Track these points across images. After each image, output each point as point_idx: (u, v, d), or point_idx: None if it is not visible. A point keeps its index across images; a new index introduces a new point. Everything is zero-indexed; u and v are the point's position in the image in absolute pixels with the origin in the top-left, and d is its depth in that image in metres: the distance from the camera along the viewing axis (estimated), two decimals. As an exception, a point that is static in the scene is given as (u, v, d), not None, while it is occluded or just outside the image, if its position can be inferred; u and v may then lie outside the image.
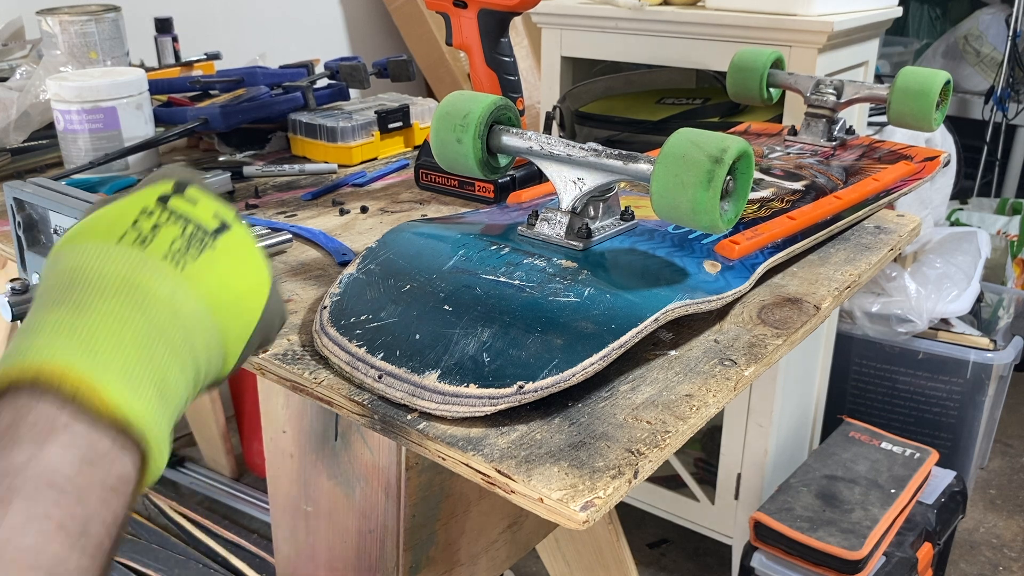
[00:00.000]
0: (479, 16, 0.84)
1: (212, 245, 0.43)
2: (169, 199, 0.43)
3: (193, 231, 0.42)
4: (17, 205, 0.65)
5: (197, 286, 0.41)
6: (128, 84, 0.95)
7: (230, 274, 0.43)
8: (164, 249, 0.41)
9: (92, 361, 0.35)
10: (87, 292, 0.38)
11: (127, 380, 0.36)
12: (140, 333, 0.38)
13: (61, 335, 0.36)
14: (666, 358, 0.59)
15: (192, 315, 0.41)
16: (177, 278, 0.41)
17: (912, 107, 0.87)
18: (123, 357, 0.37)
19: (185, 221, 0.43)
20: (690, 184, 0.56)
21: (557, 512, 0.45)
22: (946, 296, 1.85)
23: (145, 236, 0.41)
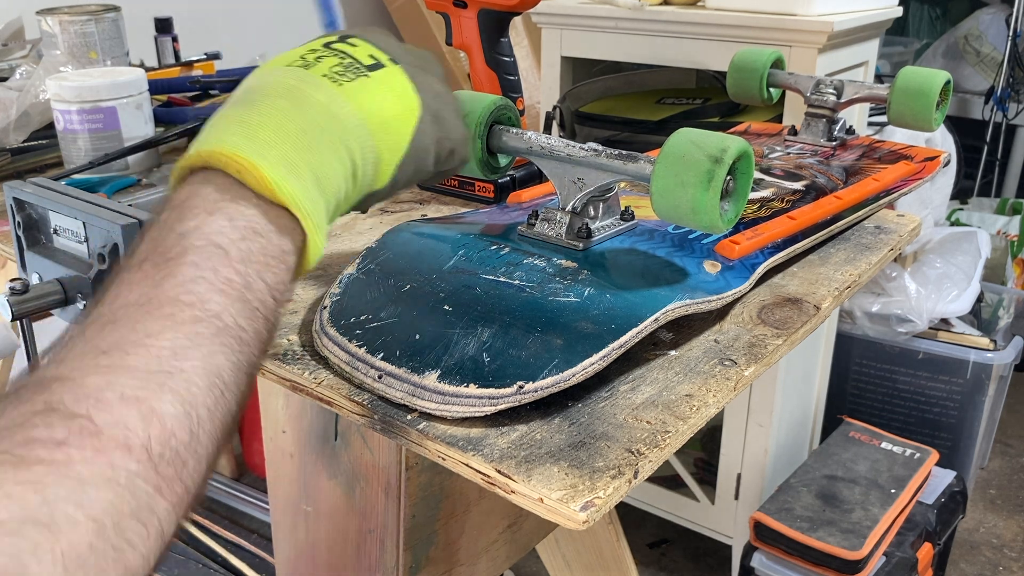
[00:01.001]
0: (479, 16, 0.84)
1: (367, 75, 0.48)
2: (332, 44, 0.50)
3: (350, 63, 0.48)
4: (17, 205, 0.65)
5: (351, 99, 0.46)
6: (128, 84, 0.95)
7: (382, 98, 0.48)
8: (324, 70, 0.47)
9: (256, 147, 0.40)
10: (257, 95, 0.45)
11: (286, 164, 0.41)
12: (299, 126, 0.43)
13: (231, 127, 0.42)
14: (666, 358, 0.59)
15: (347, 118, 0.46)
16: (334, 90, 0.46)
17: (912, 107, 0.87)
18: (283, 145, 0.42)
19: (343, 55, 0.49)
20: (690, 184, 0.56)
21: (557, 512, 0.45)
22: (946, 296, 1.85)
23: (309, 62, 0.47)
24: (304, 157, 0.42)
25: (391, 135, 0.48)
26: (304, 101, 0.44)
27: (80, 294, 0.60)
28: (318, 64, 0.47)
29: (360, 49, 0.50)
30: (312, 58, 0.48)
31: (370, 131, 0.47)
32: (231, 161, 0.40)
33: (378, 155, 0.48)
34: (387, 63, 0.50)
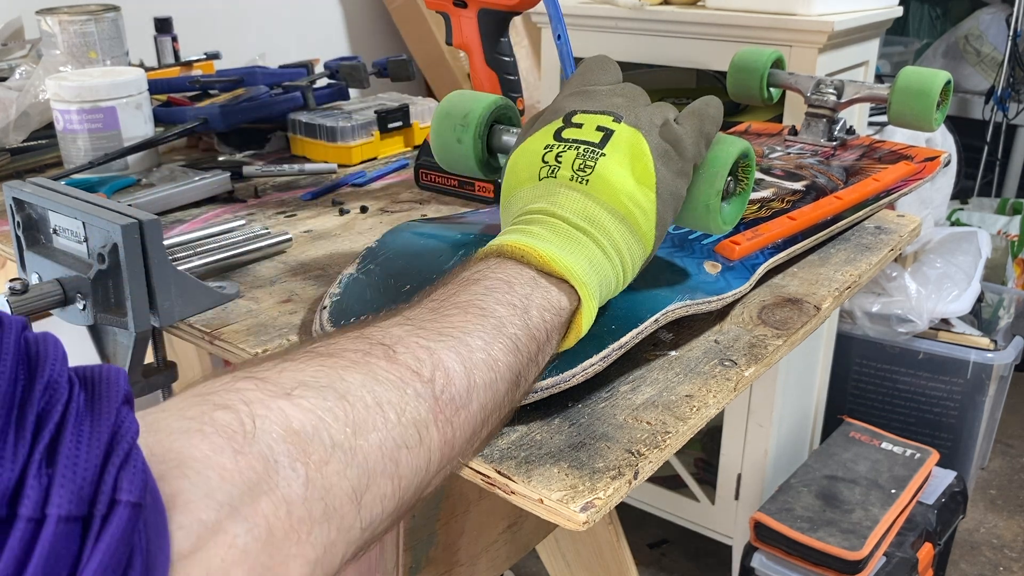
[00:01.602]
0: (479, 16, 0.84)
1: (603, 153, 0.52)
2: (562, 131, 0.54)
3: (585, 148, 0.53)
4: (16, 205, 0.65)
5: (599, 194, 0.51)
6: (128, 84, 0.95)
7: (621, 172, 0.52)
8: (569, 172, 0.52)
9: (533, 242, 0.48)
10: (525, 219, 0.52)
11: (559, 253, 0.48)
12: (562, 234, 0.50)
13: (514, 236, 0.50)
14: (666, 359, 0.59)
15: (600, 217, 0.51)
16: (581, 194, 0.51)
17: (912, 107, 0.87)
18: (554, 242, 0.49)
19: (577, 144, 0.53)
20: (690, 184, 0.56)
21: (557, 513, 0.45)
22: (946, 296, 1.85)
23: (553, 167, 0.53)
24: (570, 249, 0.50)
25: (639, 202, 0.52)
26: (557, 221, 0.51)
27: (80, 294, 0.60)
28: (561, 165, 0.52)
29: (587, 128, 0.54)
30: (553, 158, 0.53)
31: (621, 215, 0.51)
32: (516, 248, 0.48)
33: (636, 228, 0.52)
34: (611, 125, 0.54)
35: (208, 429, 0.30)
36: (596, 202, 0.51)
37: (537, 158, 0.54)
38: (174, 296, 0.61)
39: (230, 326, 0.63)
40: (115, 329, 0.61)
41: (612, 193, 0.51)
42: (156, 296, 0.60)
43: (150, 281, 0.59)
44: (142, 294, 0.59)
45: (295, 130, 1.07)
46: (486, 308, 0.43)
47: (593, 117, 0.54)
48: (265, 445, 0.31)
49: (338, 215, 0.87)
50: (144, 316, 0.60)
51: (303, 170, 1.01)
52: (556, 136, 0.54)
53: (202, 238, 0.76)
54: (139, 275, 0.59)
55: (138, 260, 0.58)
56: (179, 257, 0.72)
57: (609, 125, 0.54)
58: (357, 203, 0.90)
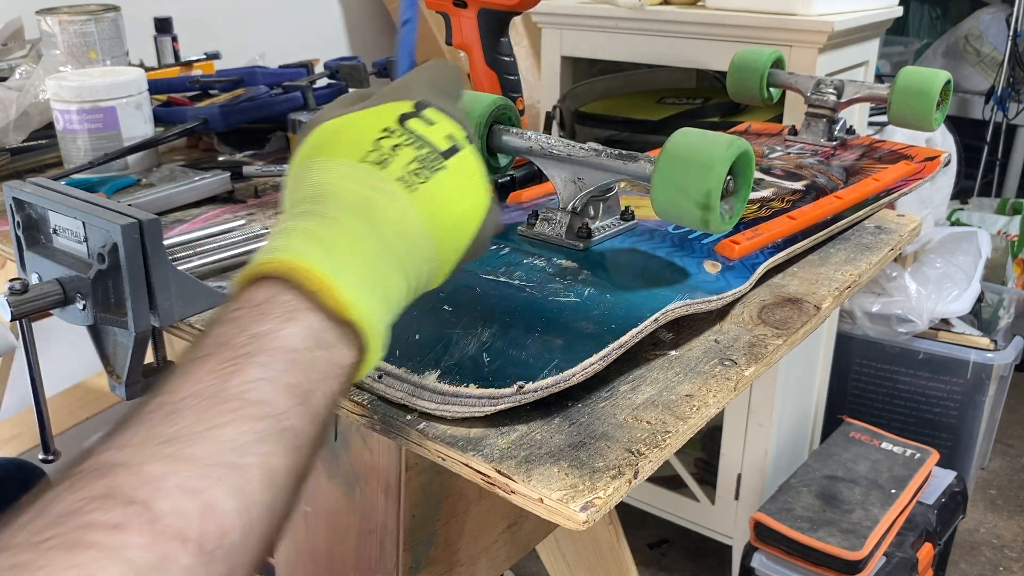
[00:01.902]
0: (479, 16, 0.84)
1: (443, 166, 0.47)
2: (408, 119, 0.48)
3: (427, 153, 0.47)
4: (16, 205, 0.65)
5: (423, 208, 0.46)
6: (128, 84, 0.95)
7: (453, 196, 0.47)
8: (400, 172, 0.46)
9: (332, 266, 0.41)
10: (332, 207, 0.45)
11: (358, 286, 0.42)
12: (371, 248, 0.44)
13: (310, 242, 0.42)
14: (666, 358, 0.59)
15: (415, 235, 0.46)
16: (407, 201, 0.46)
17: (912, 107, 0.87)
18: (357, 267, 0.42)
19: (421, 143, 0.47)
20: (690, 184, 0.56)
21: (557, 512, 0.45)
22: (946, 296, 1.85)
23: (385, 156, 0.46)
24: (373, 278, 0.43)
25: (457, 235, 0.48)
26: (376, 219, 0.44)
27: (79, 294, 0.60)
28: (394, 159, 0.46)
29: (437, 128, 0.48)
30: (388, 148, 0.46)
31: (435, 241, 0.47)
32: (310, 277, 0.40)
33: (439, 262, 0.48)
34: (462, 143, 0.49)
35: None
36: (417, 217, 0.46)
37: (369, 136, 0.47)
38: (174, 296, 0.61)
39: (230, 326, 0.63)
40: (115, 329, 0.61)
41: (438, 214, 0.46)
42: (156, 296, 0.60)
43: (150, 281, 0.59)
44: (142, 294, 0.59)
45: (295, 130, 1.07)
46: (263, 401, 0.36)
47: (448, 121, 0.49)
48: None
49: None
50: (144, 316, 0.60)
51: (303, 170, 1.01)
52: (401, 121, 0.48)
53: (202, 238, 0.76)
54: (139, 275, 0.59)
55: (138, 260, 0.58)
56: (179, 257, 0.72)
57: (460, 140, 0.49)
58: (357, 203, 0.90)
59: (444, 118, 0.49)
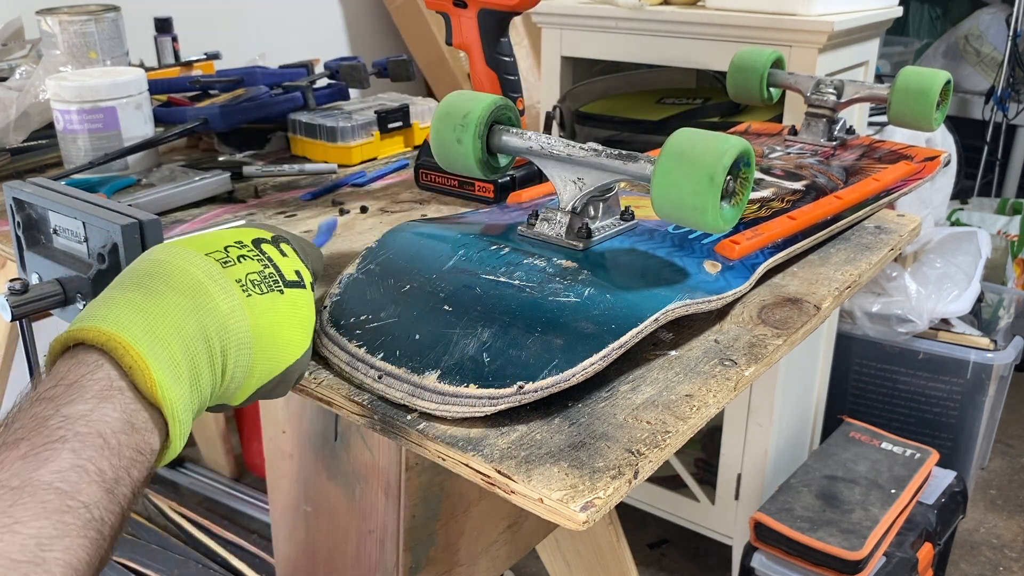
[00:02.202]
0: (479, 16, 0.84)
1: (281, 290, 0.49)
2: (263, 243, 0.50)
3: (271, 273, 0.49)
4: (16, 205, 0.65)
5: (253, 316, 0.47)
6: (128, 84, 0.95)
7: (283, 320, 0.48)
8: (240, 275, 0.47)
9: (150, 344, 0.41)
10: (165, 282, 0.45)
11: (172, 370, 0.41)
12: (192, 332, 0.43)
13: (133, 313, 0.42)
14: (666, 358, 0.59)
15: (238, 335, 0.46)
16: (239, 301, 0.46)
17: (912, 107, 0.87)
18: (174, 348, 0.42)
19: (268, 263, 0.49)
20: (690, 184, 0.56)
21: (557, 512, 0.45)
22: (946, 296, 1.85)
23: (230, 260, 0.47)
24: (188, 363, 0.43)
25: (271, 360, 0.48)
26: (205, 305, 0.45)
27: (80, 294, 0.60)
28: (237, 265, 0.47)
29: (288, 262, 0.50)
30: (235, 255, 0.48)
31: (253, 351, 0.47)
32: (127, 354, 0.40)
33: (248, 375, 0.48)
34: (307, 284, 0.50)
35: None
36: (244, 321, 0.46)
37: (221, 242, 0.48)
38: (174, 296, 0.61)
39: (230, 326, 0.63)
40: (115, 329, 0.61)
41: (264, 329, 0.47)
42: (156, 296, 0.59)
43: (150, 281, 0.59)
44: (142, 294, 0.59)
45: (295, 130, 1.07)
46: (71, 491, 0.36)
47: (300, 263, 0.51)
48: None
49: (338, 215, 0.87)
50: (144, 316, 0.59)
51: (303, 170, 1.01)
52: (255, 243, 0.50)
53: (202, 238, 0.76)
54: (139, 275, 0.58)
55: (138, 260, 0.58)
56: (179, 257, 0.71)
57: (307, 281, 0.51)
58: (357, 203, 0.90)
59: (298, 258, 0.51)
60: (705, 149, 0.56)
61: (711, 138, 0.56)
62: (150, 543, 1.68)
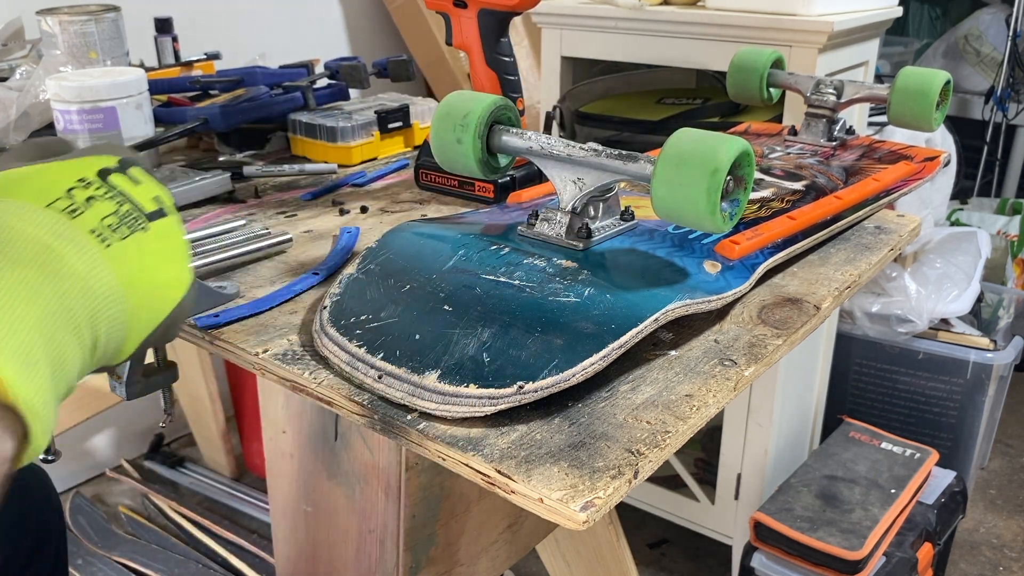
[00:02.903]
0: (479, 16, 0.84)
1: (145, 227, 0.42)
2: (111, 174, 0.43)
3: (128, 211, 0.42)
4: (17, 205, 0.65)
5: (119, 267, 0.41)
6: (128, 84, 0.95)
7: (155, 260, 0.43)
8: (94, 223, 0.41)
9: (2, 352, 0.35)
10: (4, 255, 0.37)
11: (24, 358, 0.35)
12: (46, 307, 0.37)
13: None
14: (666, 358, 0.59)
15: (104, 294, 0.40)
16: (98, 255, 0.40)
17: (912, 107, 0.87)
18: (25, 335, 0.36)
19: (123, 199, 0.42)
20: (690, 184, 0.56)
21: (557, 512, 0.45)
22: (946, 296, 1.85)
23: (77, 207, 0.41)
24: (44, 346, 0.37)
25: (151, 308, 0.43)
26: (58, 272, 0.38)
27: (80, 294, 0.60)
28: (88, 211, 0.41)
29: (143, 188, 0.44)
30: (82, 199, 0.41)
31: (127, 306, 0.41)
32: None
33: (127, 331, 0.42)
34: (170, 210, 0.44)
35: None
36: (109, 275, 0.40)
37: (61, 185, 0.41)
38: (174, 296, 0.61)
39: (230, 326, 0.63)
40: (115, 329, 0.61)
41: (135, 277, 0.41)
42: (156, 296, 0.59)
43: (150, 281, 0.59)
44: (142, 294, 0.59)
45: (295, 130, 1.07)
46: None
47: (156, 184, 0.45)
48: None
49: (338, 215, 0.87)
50: (144, 316, 0.60)
51: (303, 170, 1.01)
52: (101, 174, 0.43)
53: (202, 238, 0.76)
54: (139, 275, 0.58)
55: (138, 260, 0.58)
56: (179, 257, 0.72)
57: (168, 205, 0.45)
58: (357, 203, 0.90)
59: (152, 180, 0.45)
60: (705, 149, 0.56)
61: (711, 138, 0.56)
62: (150, 543, 1.68)
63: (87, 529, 1.70)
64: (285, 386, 0.58)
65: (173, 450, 2.01)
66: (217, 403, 1.84)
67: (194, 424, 1.92)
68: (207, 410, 1.84)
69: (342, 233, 0.80)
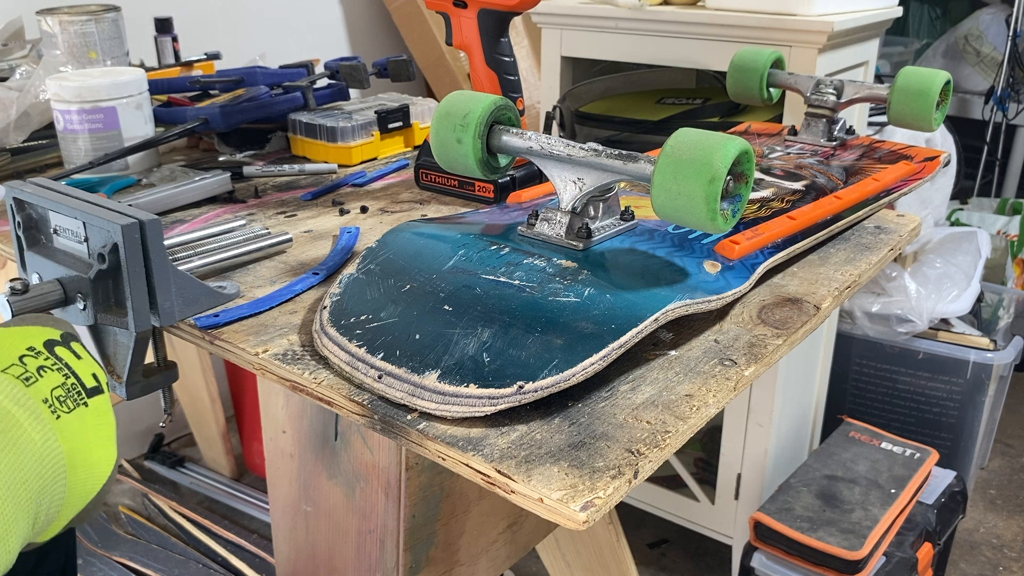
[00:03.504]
0: (479, 16, 0.84)
1: (86, 403, 0.44)
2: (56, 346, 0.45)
3: (73, 384, 0.44)
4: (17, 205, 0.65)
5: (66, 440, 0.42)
6: (128, 84, 0.95)
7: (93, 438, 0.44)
8: (45, 393, 0.42)
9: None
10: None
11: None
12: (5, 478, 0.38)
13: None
14: (666, 358, 0.59)
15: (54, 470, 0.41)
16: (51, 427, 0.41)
17: (912, 107, 0.87)
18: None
19: (68, 372, 0.44)
20: (690, 184, 0.56)
21: (557, 512, 0.45)
22: (946, 296, 1.85)
23: (30, 375, 0.42)
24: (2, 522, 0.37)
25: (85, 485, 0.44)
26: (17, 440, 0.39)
27: (80, 294, 0.60)
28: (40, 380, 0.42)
29: (84, 364, 0.46)
30: (34, 367, 0.43)
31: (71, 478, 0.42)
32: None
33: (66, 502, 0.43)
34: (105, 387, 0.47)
35: None
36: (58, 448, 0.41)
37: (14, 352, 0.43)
38: (174, 296, 0.61)
39: (230, 326, 0.63)
40: (115, 329, 0.61)
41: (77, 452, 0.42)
42: (156, 296, 0.60)
43: (150, 281, 0.59)
44: (142, 294, 0.59)
45: (295, 130, 1.07)
46: None
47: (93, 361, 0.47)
48: None
49: (338, 215, 0.87)
50: (144, 316, 0.60)
51: (303, 170, 1.01)
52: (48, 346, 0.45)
53: (202, 238, 0.76)
54: (139, 275, 0.59)
55: (138, 260, 0.58)
56: (179, 257, 0.72)
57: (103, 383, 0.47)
58: (357, 203, 0.90)
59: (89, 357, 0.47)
60: (705, 149, 0.56)
61: (711, 138, 0.56)
62: (150, 543, 1.68)
63: (87, 529, 1.71)
64: (285, 386, 0.58)
65: (173, 450, 2.01)
66: (217, 403, 1.84)
67: (194, 424, 1.92)
68: (207, 410, 1.84)
69: (342, 233, 0.80)
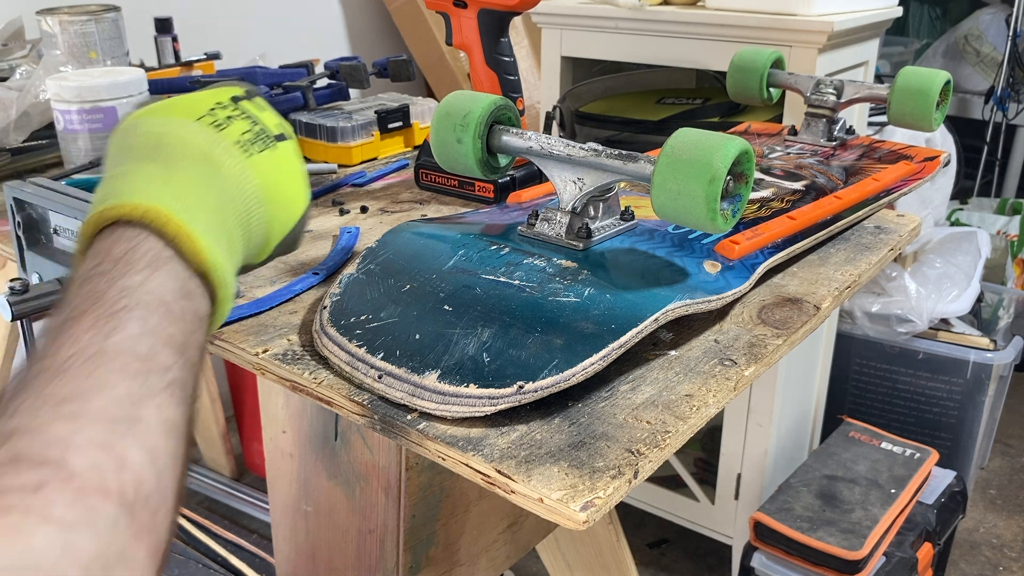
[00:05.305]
0: (479, 16, 0.84)
1: (274, 146, 0.49)
2: (241, 100, 0.50)
3: (260, 130, 0.49)
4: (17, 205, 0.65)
5: (260, 174, 0.47)
6: (128, 84, 0.95)
7: (284, 176, 0.49)
8: (236, 136, 0.47)
9: (187, 213, 0.41)
10: (175, 154, 0.44)
11: (209, 234, 0.41)
12: (216, 197, 0.44)
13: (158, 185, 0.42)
14: (666, 358, 0.59)
15: (253, 196, 0.47)
16: (245, 162, 0.47)
17: (912, 107, 0.87)
18: (206, 215, 0.42)
19: (254, 121, 0.49)
20: (690, 184, 0.56)
21: (557, 512, 0.45)
22: (946, 296, 1.85)
23: (220, 122, 0.47)
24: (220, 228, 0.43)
25: (283, 215, 0.49)
26: (218, 171, 0.45)
27: (80, 294, 0.60)
28: (229, 126, 0.47)
29: (268, 115, 0.50)
30: (223, 116, 0.48)
31: (269, 209, 0.48)
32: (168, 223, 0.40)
33: (269, 232, 0.49)
34: (290, 135, 0.51)
35: None
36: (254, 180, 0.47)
37: (204, 106, 0.48)
38: (174, 296, 0.61)
39: (230, 326, 0.63)
40: (115, 329, 0.61)
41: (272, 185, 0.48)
42: (156, 296, 0.59)
43: (150, 281, 0.59)
44: (142, 294, 0.59)
45: (295, 130, 1.07)
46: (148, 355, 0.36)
47: (275, 114, 0.51)
48: None
49: (338, 215, 0.87)
50: (144, 316, 0.60)
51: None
52: (234, 100, 0.50)
53: (202, 238, 0.76)
54: (139, 275, 0.58)
55: (138, 260, 0.58)
56: (179, 257, 0.71)
57: (288, 132, 0.51)
58: (357, 203, 0.90)
59: (271, 110, 0.51)
60: (705, 149, 0.56)
61: (711, 138, 0.56)
62: (150, 543, 1.68)
63: (87, 529, 1.70)
64: (285, 386, 0.58)
65: (173, 450, 2.01)
66: (217, 403, 1.84)
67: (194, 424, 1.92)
68: (207, 410, 1.84)
69: (342, 233, 0.80)
